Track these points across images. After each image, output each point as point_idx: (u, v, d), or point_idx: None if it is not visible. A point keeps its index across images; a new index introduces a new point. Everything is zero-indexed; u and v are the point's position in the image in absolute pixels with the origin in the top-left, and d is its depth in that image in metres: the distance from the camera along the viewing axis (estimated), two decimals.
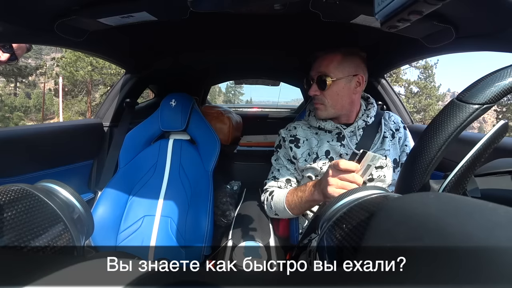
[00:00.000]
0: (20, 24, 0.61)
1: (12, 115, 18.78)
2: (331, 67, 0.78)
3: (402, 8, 0.30)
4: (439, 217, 0.15)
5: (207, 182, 1.02)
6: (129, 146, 1.11)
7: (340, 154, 0.82)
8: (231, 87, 37.09)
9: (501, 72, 0.29)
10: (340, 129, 0.83)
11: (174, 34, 1.02)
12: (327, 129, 0.85)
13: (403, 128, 0.87)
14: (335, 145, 0.83)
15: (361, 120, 0.84)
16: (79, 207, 0.32)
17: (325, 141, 0.84)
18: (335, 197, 0.28)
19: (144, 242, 0.94)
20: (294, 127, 0.90)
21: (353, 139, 0.83)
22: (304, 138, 0.88)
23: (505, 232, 0.13)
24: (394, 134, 0.85)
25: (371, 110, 0.86)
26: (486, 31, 0.58)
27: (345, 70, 0.78)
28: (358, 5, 0.59)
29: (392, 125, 0.87)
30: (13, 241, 0.22)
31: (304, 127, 0.90)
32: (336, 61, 0.78)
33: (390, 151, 0.82)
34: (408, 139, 0.87)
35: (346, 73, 0.78)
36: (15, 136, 0.86)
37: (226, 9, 0.56)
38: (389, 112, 0.91)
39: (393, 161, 0.82)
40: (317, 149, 0.84)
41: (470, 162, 0.30)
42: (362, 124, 0.84)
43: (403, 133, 0.86)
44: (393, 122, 0.88)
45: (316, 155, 0.83)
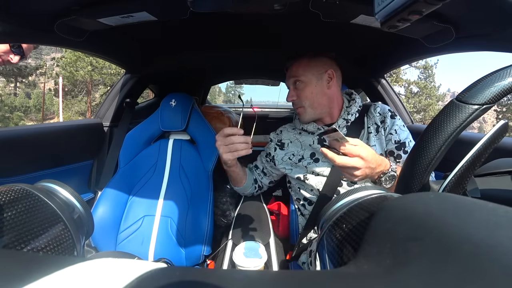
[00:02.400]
0: (20, 24, 0.61)
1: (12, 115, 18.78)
2: (300, 71, 0.82)
3: (402, 8, 0.30)
4: (439, 217, 0.15)
5: (207, 182, 1.02)
6: (129, 146, 1.11)
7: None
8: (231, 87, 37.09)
9: (500, 72, 0.29)
10: (321, 130, 0.85)
11: (174, 34, 1.02)
12: (309, 130, 0.88)
13: (390, 117, 0.83)
14: (317, 147, 0.84)
15: (342, 119, 0.84)
16: (79, 207, 0.32)
17: (308, 144, 0.86)
18: (334, 197, 0.28)
19: (144, 242, 0.94)
20: (280, 131, 0.98)
21: None
22: (288, 141, 0.92)
23: (505, 232, 0.13)
24: (379, 127, 0.82)
25: (352, 106, 0.86)
26: (486, 31, 0.58)
27: (313, 70, 0.82)
28: (358, 5, 0.59)
29: (377, 118, 0.84)
30: (13, 241, 0.22)
31: (289, 129, 0.95)
32: (303, 64, 0.83)
33: (376, 146, 0.81)
34: (395, 126, 0.81)
35: (315, 72, 0.82)
36: (15, 136, 0.86)
37: (226, 9, 0.56)
38: (375, 104, 0.88)
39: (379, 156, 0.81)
40: (303, 152, 0.87)
41: (470, 162, 0.30)
42: (343, 123, 0.84)
43: (389, 122, 0.82)
44: (379, 114, 0.84)
45: (301, 156, 0.87)
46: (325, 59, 0.84)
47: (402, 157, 0.79)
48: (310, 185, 0.85)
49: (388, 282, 0.13)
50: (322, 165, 0.83)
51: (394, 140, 0.80)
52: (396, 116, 0.83)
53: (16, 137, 0.86)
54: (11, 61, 0.83)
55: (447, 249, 0.13)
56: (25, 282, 0.13)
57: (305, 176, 0.86)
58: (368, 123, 0.84)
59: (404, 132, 0.81)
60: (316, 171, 0.84)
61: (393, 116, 0.83)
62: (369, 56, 1.16)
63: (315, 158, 0.84)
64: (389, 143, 0.81)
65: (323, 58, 0.84)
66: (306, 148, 0.87)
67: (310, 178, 0.85)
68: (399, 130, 0.81)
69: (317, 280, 0.14)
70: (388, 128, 0.81)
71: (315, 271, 0.19)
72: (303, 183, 0.88)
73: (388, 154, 0.81)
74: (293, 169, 0.89)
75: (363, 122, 0.84)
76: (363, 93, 1.48)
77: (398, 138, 0.80)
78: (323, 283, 0.13)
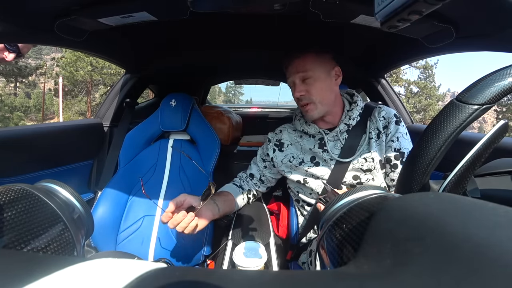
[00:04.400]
0: (20, 24, 0.61)
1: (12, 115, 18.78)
2: (309, 65, 0.79)
3: (402, 8, 0.30)
4: (440, 217, 0.15)
5: (207, 182, 1.02)
6: (129, 146, 1.11)
7: (324, 159, 0.82)
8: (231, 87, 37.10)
9: (500, 72, 0.29)
10: (322, 134, 0.83)
11: (174, 34, 1.02)
12: (310, 133, 0.85)
13: (394, 123, 0.79)
14: (318, 151, 0.82)
15: (343, 124, 0.82)
16: (79, 207, 0.32)
17: (308, 148, 0.84)
18: (335, 197, 0.28)
19: (144, 242, 0.94)
20: (280, 130, 0.93)
21: (337, 144, 0.82)
22: (289, 142, 0.89)
23: (505, 232, 0.13)
24: (380, 133, 0.79)
25: (354, 110, 0.83)
26: (486, 31, 0.58)
27: (322, 65, 0.80)
28: (358, 5, 0.59)
29: (381, 122, 0.80)
30: (13, 241, 0.22)
31: (289, 130, 0.91)
32: (311, 59, 0.79)
33: (377, 152, 0.78)
34: (398, 134, 0.78)
35: (324, 67, 0.80)
36: (15, 136, 0.86)
37: (226, 9, 0.56)
38: (380, 107, 0.84)
39: (379, 162, 0.78)
40: (303, 156, 0.85)
41: (470, 162, 0.30)
42: (344, 128, 0.82)
43: (393, 128, 0.78)
44: (383, 118, 0.81)
45: (301, 160, 0.85)
46: (328, 56, 0.82)
47: (398, 167, 0.77)
48: (310, 188, 0.84)
49: (388, 282, 0.13)
50: (322, 169, 0.82)
51: (394, 148, 0.77)
52: (401, 122, 0.80)
53: (16, 137, 0.86)
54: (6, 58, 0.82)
55: (447, 249, 0.13)
56: (25, 282, 0.13)
57: (305, 179, 0.85)
58: (370, 127, 0.80)
59: (405, 141, 0.78)
60: (316, 175, 0.82)
61: (398, 122, 0.80)
62: (369, 56, 1.16)
63: (315, 162, 0.83)
64: (388, 150, 0.78)
65: (326, 55, 0.82)
66: (306, 152, 0.85)
67: (310, 182, 0.84)
68: (402, 138, 0.78)
69: (317, 280, 0.14)
70: (391, 134, 0.78)
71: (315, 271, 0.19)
72: (302, 186, 0.87)
73: (386, 162, 0.79)
74: (292, 172, 0.87)
75: (365, 127, 0.81)
76: (363, 93, 1.48)
77: (398, 146, 0.77)
78: (323, 283, 0.13)
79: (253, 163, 0.97)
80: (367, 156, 0.78)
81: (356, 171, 0.79)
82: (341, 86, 0.87)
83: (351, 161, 0.79)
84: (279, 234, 1.02)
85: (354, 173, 0.79)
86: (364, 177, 0.79)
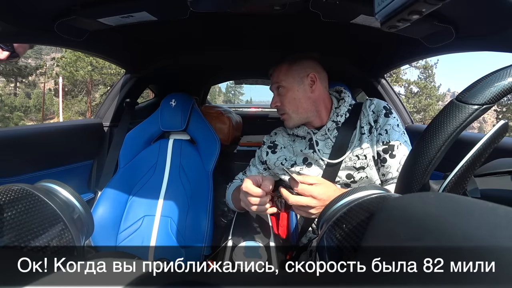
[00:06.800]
0: (20, 24, 0.61)
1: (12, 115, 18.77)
2: (281, 76, 0.81)
3: (402, 8, 0.30)
4: (440, 217, 0.15)
5: (207, 182, 1.02)
6: (129, 146, 1.11)
7: (316, 160, 0.81)
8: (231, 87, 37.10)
9: (500, 72, 0.29)
10: (311, 134, 0.82)
11: (174, 34, 1.02)
12: (300, 135, 0.85)
13: (383, 116, 0.75)
14: (308, 152, 0.82)
15: (331, 122, 0.80)
16: (79, 207, 0.32)
17: (299, 150, 0.84)
18: (334, 197, 0.28)
19: (144, 242, 0.94)
20: (275, 133, 0.94)
21: (328, 142, 0.81)
22: (282, 145, 0.89)
23: (505, 232, 0.13)
24: (372, 128, 0.76)
25: (341, 107, 0.81)
26: (486, 31, 0.58)
27: (294, 75, 0.80)
28: (358, 5, 0.59)
29: (371, 116, 0.77)
30: (13, 241, 0.22)
31: (283, 133, 0.92)
32: (284, 70, 0.81)
33: (369, 148, 0.76)
34: (387, 126, 0.74)
35: (296, 77, 0.80)
36: (15, 136, 0.86)
37: (226, 9, 0.56)
38: (371, 100, 0.81)
39: (372, 158, 0.75)
40: (295, 158, 0.85)
41: (470, 162, 0.30)
42: (333, 126, 0.80)
43: (382, 121, 0.75)
44: (372, 112, 0.78)
45: (294, 162, 0.85)
46: (307, 62, 0.81)
47: (387, 161, 0.74)
48: None
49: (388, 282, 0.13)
50: (314, 170, 0.82)
51: (383, 141, 0.74)
52: (391, 114, 0.76)
53: (16, 137, 0.86)
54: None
55: (448, 249, 0.13)
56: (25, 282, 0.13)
57: None
58: (362, 122, 0.78)
59: (395, 133, 0.74)
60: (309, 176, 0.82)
61: (388, 114, 0.76)
62: (369, 56, 1.16)
63: (307, 163, 0.82)
64: (377, 144, 0.75)
65: (304, 62, 0.81)
66: (298, 154, 0.85)
67: None
68: (391, 130, 0.74)
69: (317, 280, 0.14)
70: (380, 128, 0.75)
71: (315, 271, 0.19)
72: None
73: (377, 157, 0.76)
74: (285, 174, 0.86)
75: (356, 122, 0.79)
76: (363, 93, 1.49)
77: (387, 139, 0.73)
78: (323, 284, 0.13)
79: (252, 165, 0.97)
80: (359, 154, 0.76)
81: (349, 169, 0.79)
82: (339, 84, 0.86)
83: (342, 161, 0.78)
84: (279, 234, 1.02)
85: (347, 172, 0.79)
86: (358, 175, 0.77)
